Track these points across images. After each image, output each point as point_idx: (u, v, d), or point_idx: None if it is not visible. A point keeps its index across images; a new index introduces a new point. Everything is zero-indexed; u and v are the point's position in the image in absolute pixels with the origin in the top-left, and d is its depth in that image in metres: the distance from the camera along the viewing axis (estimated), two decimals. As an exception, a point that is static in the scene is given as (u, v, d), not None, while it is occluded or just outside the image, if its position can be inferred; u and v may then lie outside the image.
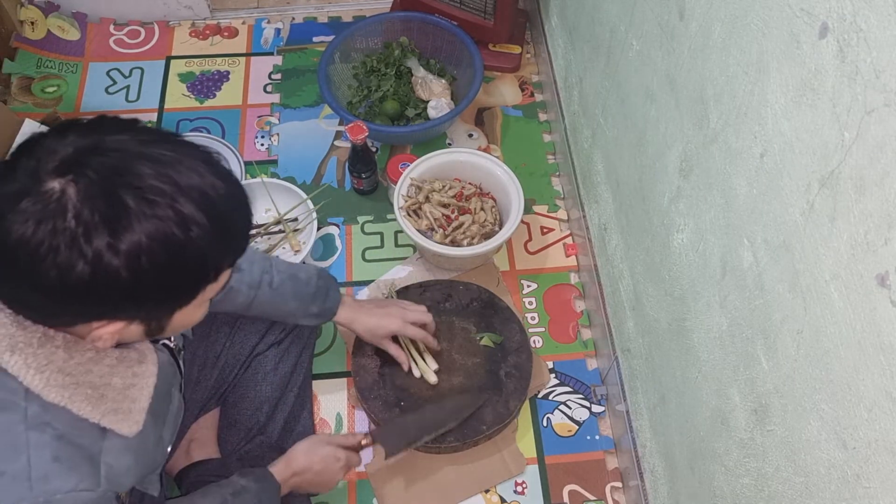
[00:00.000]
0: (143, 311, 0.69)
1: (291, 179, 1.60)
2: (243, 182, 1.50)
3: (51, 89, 1.73)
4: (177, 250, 0.63)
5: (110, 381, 0.73)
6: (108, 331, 0.68)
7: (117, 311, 0.67)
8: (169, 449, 0.92)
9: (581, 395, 1.38)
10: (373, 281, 1.49)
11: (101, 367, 0.72)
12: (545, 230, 1.57)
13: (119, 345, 0.75)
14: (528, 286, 1.50)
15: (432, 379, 1.30)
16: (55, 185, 0.60)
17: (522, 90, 1.77)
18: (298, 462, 1.08)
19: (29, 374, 0.67)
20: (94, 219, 0.60)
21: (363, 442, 1.16)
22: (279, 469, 1.06)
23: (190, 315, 0.74)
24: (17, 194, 0.61)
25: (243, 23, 1.87)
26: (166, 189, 0.62)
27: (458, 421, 1.25)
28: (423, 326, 1.27)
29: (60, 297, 0.63)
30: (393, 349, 1.25)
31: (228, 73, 1.78)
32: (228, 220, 0.68)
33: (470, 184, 1.49)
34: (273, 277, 1.09)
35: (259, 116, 1.71)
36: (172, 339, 0.94)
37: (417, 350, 1.31)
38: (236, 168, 1.58)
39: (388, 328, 1.21)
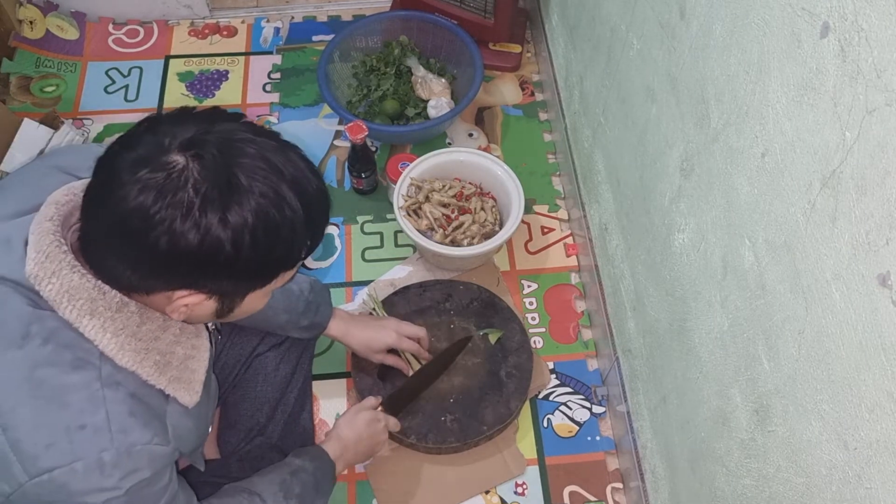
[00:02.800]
0: (228, 286, 0.73)
1: (291, 179, 1.60)
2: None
3: (49, 89, 1.72)
4: (274, 230, 0.69)
5: (174, 350, 0.77)
6: (188, 301, 0.72)
7: (207, 282, 0.71)
8: (210, 429, 0.96)
9: (582, 396, 1.38)
10: (372, 281, 1.49)
11: (167, 335, 0.76)
12: (546, 230, 1.57)
13: None
14: (529, 286, 1.50)
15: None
16: (179, 158, 0.66)
17: (523, 89, 1.77)
18: (347, 435, 1.11)
19: (105, 338, 0.71)
20: (212, 193, 0.65)
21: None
22: (332, 447, 1.09)
23: (257, 301, 0.79)
24: (137, 161, 0.66)
25: (242, 22, 1.87)
26: (272, 173, 0.68)
27: (448, 365, 1.30)
28: (417, 341, 1.28)
29: (164, 262, 0.67)
30: (391, 359, 1.25)
31: (227, 72, 1.78)
32: (316, 213, 0.74)
33: (470, 183, 1.48)
34: None
35: (258, 116, 1.71)
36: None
37: (415, 357, 1.31)
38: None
39: (383, 341, 1.22)
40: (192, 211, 0.65)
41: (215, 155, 0.66)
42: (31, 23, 1.75)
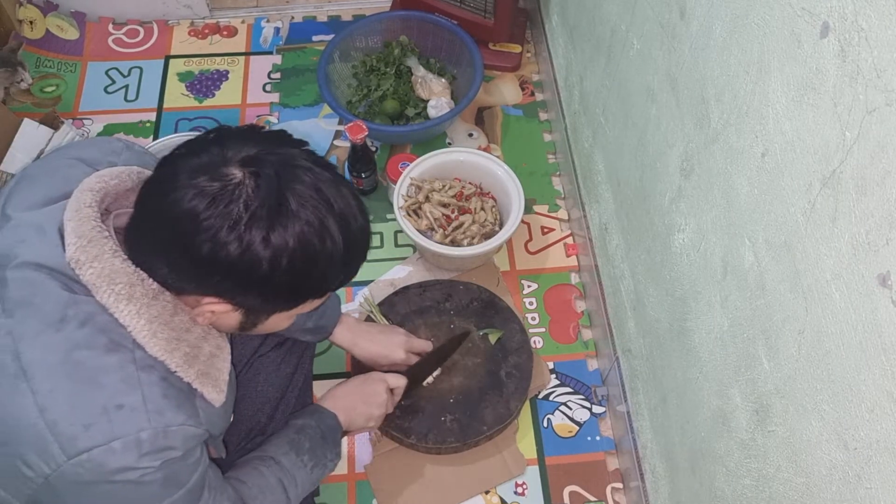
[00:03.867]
0: (256, 302, 0.76)
1: (291, 179, 1.60)
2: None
3: (49, 89, 1.72)
4: (311, 258, 0.71)
5: (202, 346, 0.79)
6: (216, 308, 0.75)
7: (237, 294, 0.74)
8: (232, 418, 0.97)
9: (582, 396, 1.38)
10: (372, 281, 1.49)
11: (196, 329, 0.78)
12: (546, 230, 1.57)
13: None
14: (529, 286, 1.50)
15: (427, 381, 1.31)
16: (238, 172, 0.68)
17: (523, 89, 1.77)
18: (337, 389, 1.12)
19: (140, 324, 0.72)
20: (260, 211, 0.68)
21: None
22: (325, 402, 1.10)
23: (281, 321, 0.82)
24: (198, 168, 0.69)
25: (242, 22, 1.87)
26: (321, 203, 0.71)
27: (446, 358, 1.31)
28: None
29: (202, 267, 0.70)
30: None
31: (227, 72, 1.78)
32: (356, 250, 0.77)
33: (470, 183, 1.48)
34: None
35: (258, 116, 1.71)
36: None
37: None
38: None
39: (391, 359, 1.22)
40: (239, 224, 0.67)
41: (271, 176, 0.69)
42: (31, 23, 1.75)
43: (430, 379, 1.31)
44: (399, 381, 1.18)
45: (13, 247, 0.74)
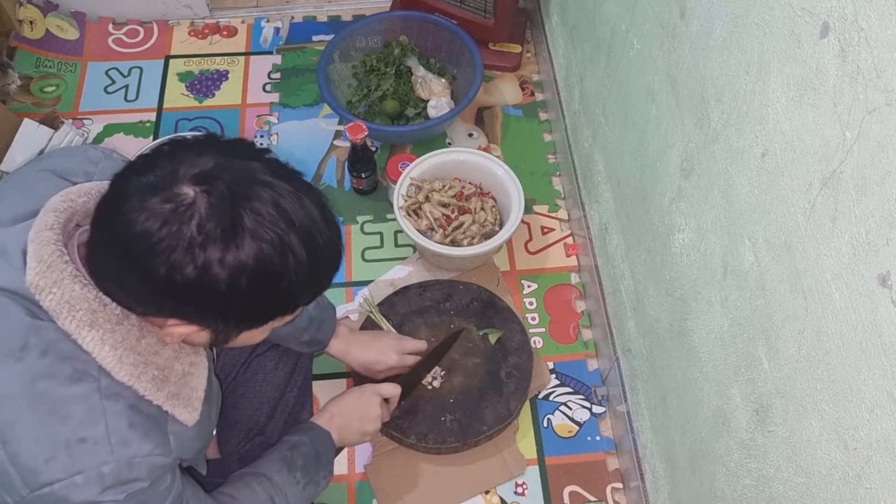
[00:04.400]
0: (221, 323, 0.73)
1: (291, 179, 1.60)
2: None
3: (49, 89, 1.72)
4: (273, 277, 0.68)
5: (173, 366, 0.77)
6: (181, 331, 0.72)
7: (200, 317, 0.71)
8: (214, 431, 0.96)
9: (582, 396, 1.38)
10: (372, 281, 1.49)
11: (166, 350, 0.76)
12: (546, 230, 1.57)
13: None
14: (529, 286, 1.50)
15: (433, 384, 1.30)
16: (189, 191, 0.65)
17: (523, 89, 1.77)
18: (333, 405, 1.11)
19: (104, 350, 0.70)
20: (214, 231, 0.64)
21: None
22: (320, 418, 1.09)
23: (253, 336, 0.79)
24: (149, 187, 0.65)
25: (242, 22, 1.87)
26: (280, 219, 0.67)
27: (441, 357, 1.30)
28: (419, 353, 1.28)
29: (159, 290, 0.67)
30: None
31: (227, 72, 1.78)
32: (323, 264, 0.73)
33: (470, 183, 1.48)
34: None
35: (258, 116, 1.71)
36: None
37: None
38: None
39: (385, 364, 1.22)
40: (193, 246, 0.64)
41: (225, 193, 0.65)
42: (31, 23, 1.75)
43: (435, 382, 1.31)
44: (393, 391, 1.16)
45: None
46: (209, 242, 0.64)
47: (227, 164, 0.67)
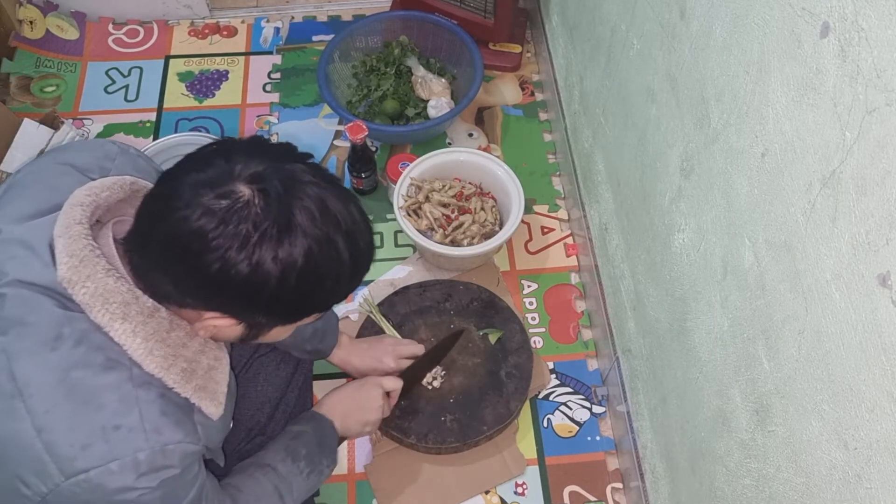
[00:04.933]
0: (261, 317, 0.75)
1: (291, 179, 1.60)
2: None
3: (49, 89, 1.72)
4: (320, 275, 0.71)
5: (200, 359, 0.78)
6: (218, 323, 0.74)
7: (243, 310, 0.74)
8: (231, 424, 0.97)
9: (582, 396, 1.38)
10: (372, 281, 1.49)
11: (194, 343, 0.78)
12: (546, 230, 1.57)
13: None
14: (529, 286, 1.50)
15: (433, 384, 1.31)
16: (245, 190, 0.67)
17: (523, 89, 1.77)
18: (333, 395, 1.13)
19: (135, 343, 0.72)
20: (270, 229, 0.67)
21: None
22: (321, 408, 1.11)
23: (282, 332, 0.82)
24: (204, 183, 0.67)
25: (242, 22, 1.87)
26: (328, 220, 0.70)
27: (441, 357, 1.32)
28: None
29: (210, 285, 0.69)
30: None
31: (227, 72, 1.78)
32: (360, 266, 0.76)
33: (470, 183, 1.48)
34: None
35: (258, 116, 1.71)
36: None
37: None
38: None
39: (382, 369, 1.23)
40: (249, 243, 0.66)
41: (280, 193, 0.68)
42: (31, 23, 1.75)
43: (435, 383, 1.31)
44: (395, 384, 1.17)
45: (3, 263, 0.73)
46: (264, 240, 0.67)
47: (277, 166, 0.70)
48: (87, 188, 0.77)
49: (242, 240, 0.66)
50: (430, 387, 1.31)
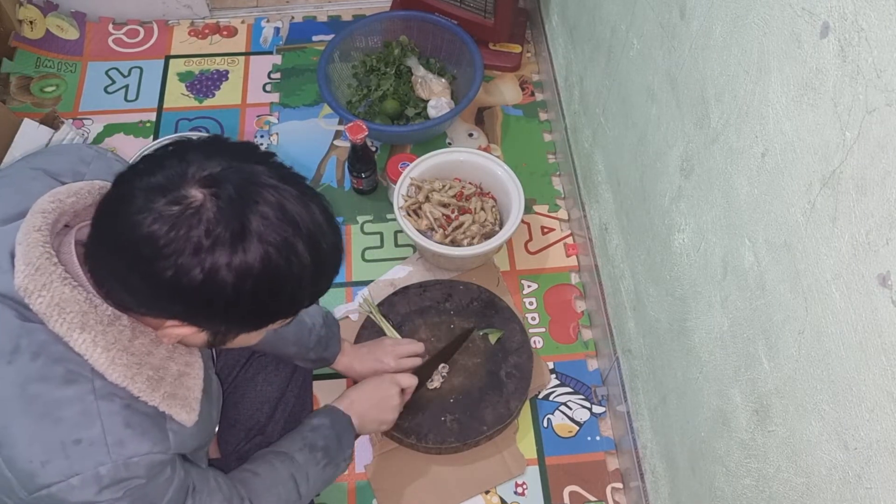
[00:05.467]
0: (223, 325, 0.73)
1: (291, 179, 1.60)
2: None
3: (49, 89, 1.72)
4: (278, 280, 0.68)
5: (168, 366, 0.76)
6: (179, 332, 0.72)
7: (202, 318, 0.71)
8: (216, 428, 0.97)
9: (582, 396, 1.38)
10: (372, 281, 1.49)
11: (160, 350, 0.75)
12: (546, 230, 1.57)
13: None
14: (529, 286, 1.50)
15: (434, 384, 1.31)
16: (198, 194, 0.65)
17: (523, 89, 1.77)
18: (352, 392, 1.14)
19: (96, 353, 0.70)
20: (223, 235, 0.64)
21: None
22: (340, 402, 1.12)
23: (250, 338, 0.79)
24: (156, 188, 0.65)
25: (242, 22, 1.87)
26: (287, 223, 0.67)
27: (450, 356, 1.33)
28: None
29: (165, 293, 0.66)
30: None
31: (227, 72, 1.78)
32: (326, 268, 0.73)
33: (470, 183, 1.48)
34: None
35: (258, 116, 1.71)
36: None
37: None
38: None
39: (383, 371, 1.23)
40: (201, 249, 0.64)
41: (233, 197, 0.65)
42: (31, 23, 1.75)
43: (436, 384, 1.31)
44: (411, 381, 1.19)
45: None
46: (217, 246, 0.64)
47: (235, 168, 0.67)
48: (51, 194, 0.75)
49: (195, 246, 0.64)
50: (430, 387, 1.31)
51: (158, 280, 0.65)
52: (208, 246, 0.64)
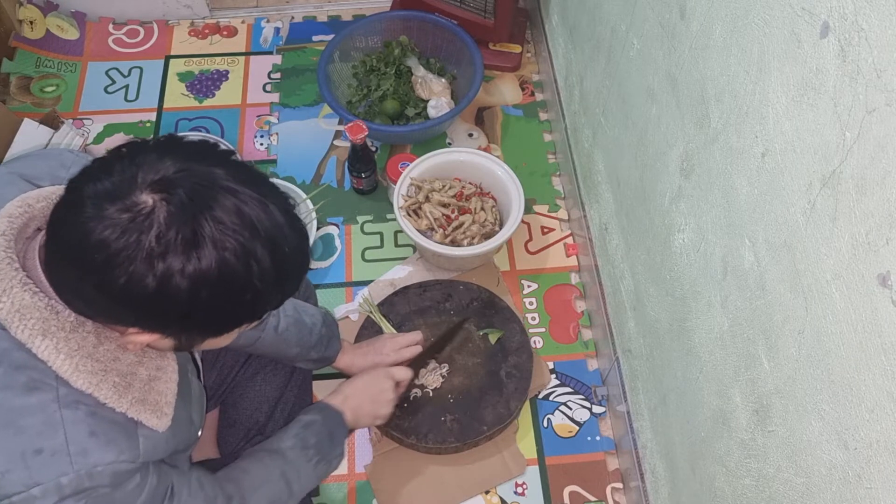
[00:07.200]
0: (183, 332, 0.71)
1: (291, 179, 1.60)
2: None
3: (49, 89, 1.72)
4: (237, 286, 0.66)
5: (136, 371, 0.74)
6: (142, 339, 0.70)
7: (161, 326, 0.69)
8: (200, 433, 0.95)
9: (582, 396, 1.38)
10: (372, 281, 1.49)
11: (127, 355, 0.74)
12: (546, 230, 1.57)
13: None
14: (529, 286, 1.50)
15: (434, 384, 1.31)
16: (148, 199, 0.63)
17: (523, 89, 1.77)
18: (346, 387, 1.13)
19: (59, 359, 0.68)
20: (175, 241, 0.62)
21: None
22: (333, 399, 1.11)
23: (218, 342, 0.77)
24: (106, 195, 0.63)
25: (242, 22, 1.87)
26: (243, 227, 0.65)
27: (444, 346, 1.35)
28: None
29: (119, 301, 0.65)
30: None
31: (227, 72, 1.78)
32: (289, 271, 0.71)
33: (470, 183, 1.48)
34: (279, 321, 1.10)
35: (258, 116, 1.71)
36: None
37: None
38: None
39: (384, 364, 1.23)
40: (152, 257, 0.62)
41: (185, 201, 0.63)
42: (31, 23, 1.75)
43: (436, 384, 1.31)
44: (405, 374, 1.19)
45: None
46: (169, 253, 0.62)
47: (189, 170, 0.65)
48: (19, 199, 0.74)
49: (146, 254, 0.62)
50: (431, 389, 1.31)
51: (112, 289, 0.63)
52: (160, 252, 0.62)
